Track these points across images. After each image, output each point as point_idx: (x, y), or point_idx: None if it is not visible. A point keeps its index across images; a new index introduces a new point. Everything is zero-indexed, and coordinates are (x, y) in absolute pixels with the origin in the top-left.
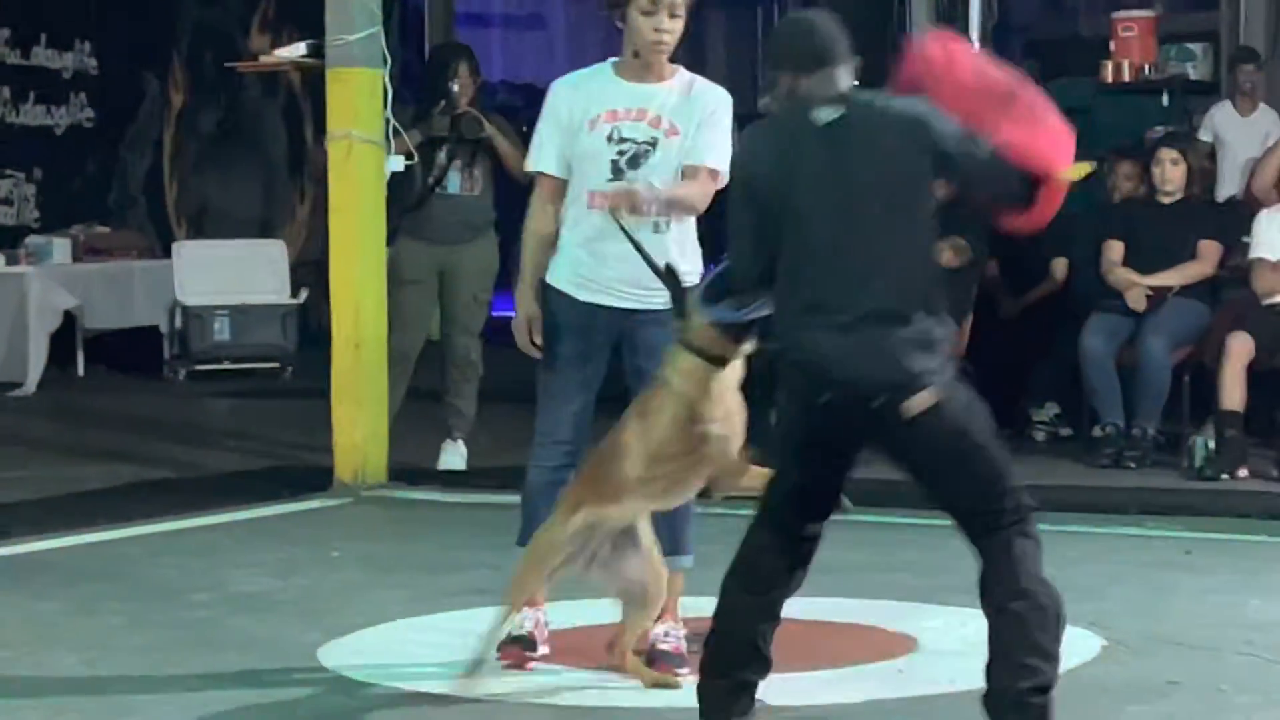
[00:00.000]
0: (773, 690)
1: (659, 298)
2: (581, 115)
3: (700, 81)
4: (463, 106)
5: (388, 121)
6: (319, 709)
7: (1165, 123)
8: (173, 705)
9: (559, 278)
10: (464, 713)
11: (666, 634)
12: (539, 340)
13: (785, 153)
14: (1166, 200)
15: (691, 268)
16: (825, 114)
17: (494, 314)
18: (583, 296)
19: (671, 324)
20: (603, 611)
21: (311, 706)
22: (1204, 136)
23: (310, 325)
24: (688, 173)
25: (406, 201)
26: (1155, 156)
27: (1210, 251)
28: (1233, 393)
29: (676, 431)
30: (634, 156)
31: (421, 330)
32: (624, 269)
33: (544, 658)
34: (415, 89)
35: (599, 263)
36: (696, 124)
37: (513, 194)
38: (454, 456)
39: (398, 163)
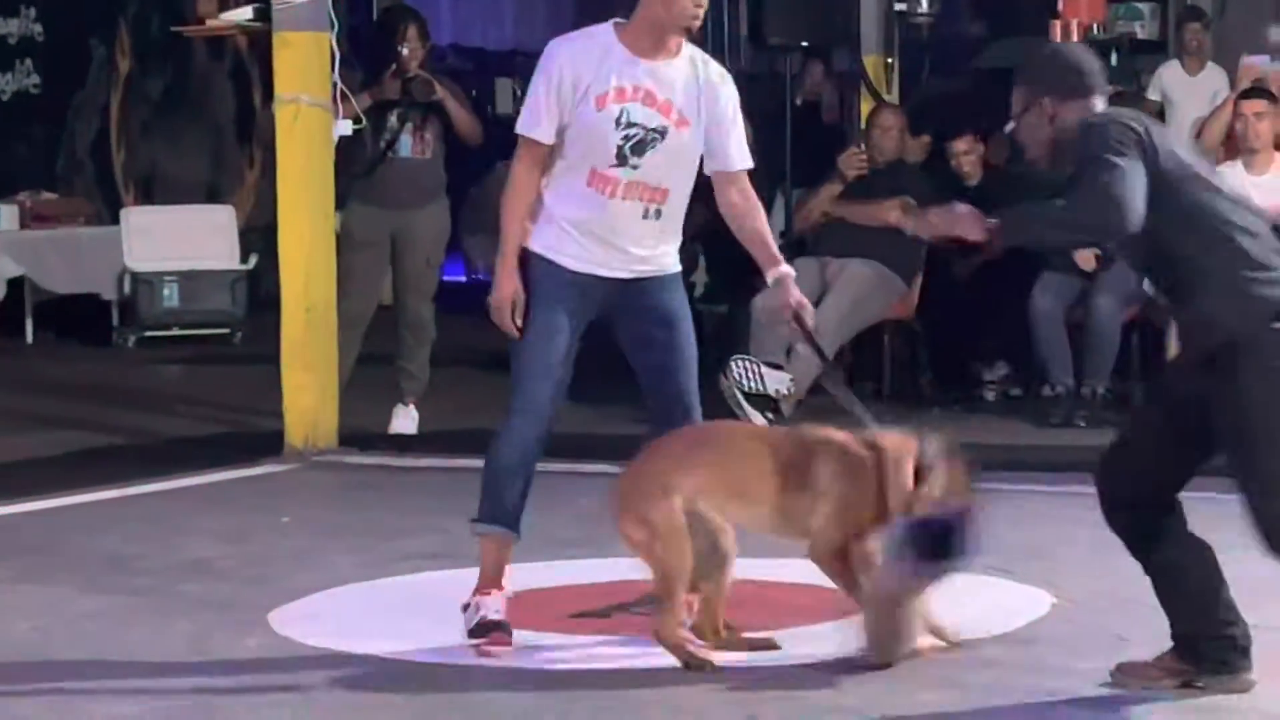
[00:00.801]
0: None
1: (649, 266)
2: (586, 87)
3: (707, 64)
4: (413, 70)
5: (335, 85)
6: (270, 674)
7: (1113, 82)
8: (125, 671)
9: (546, 246)
10: (416, 675)
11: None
12: (520, 320)
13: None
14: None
15: (673, 245)
16: None
17: (444, 279)
18: (575, 266)
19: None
20: (560, 573)
21: (263, 672)
22: (1152, 95)
23: (260, 291)
24: (728, 179)
25: (357, 166)
26: None
27: None
28: None
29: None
30: (640, 143)
31: (373, 295)
32: (622, 244)
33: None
34: (364, 53)
35: (593, 240)
36: (718, 123)
37: (463, 157)
38: (405, 421)
39: (346, 127)
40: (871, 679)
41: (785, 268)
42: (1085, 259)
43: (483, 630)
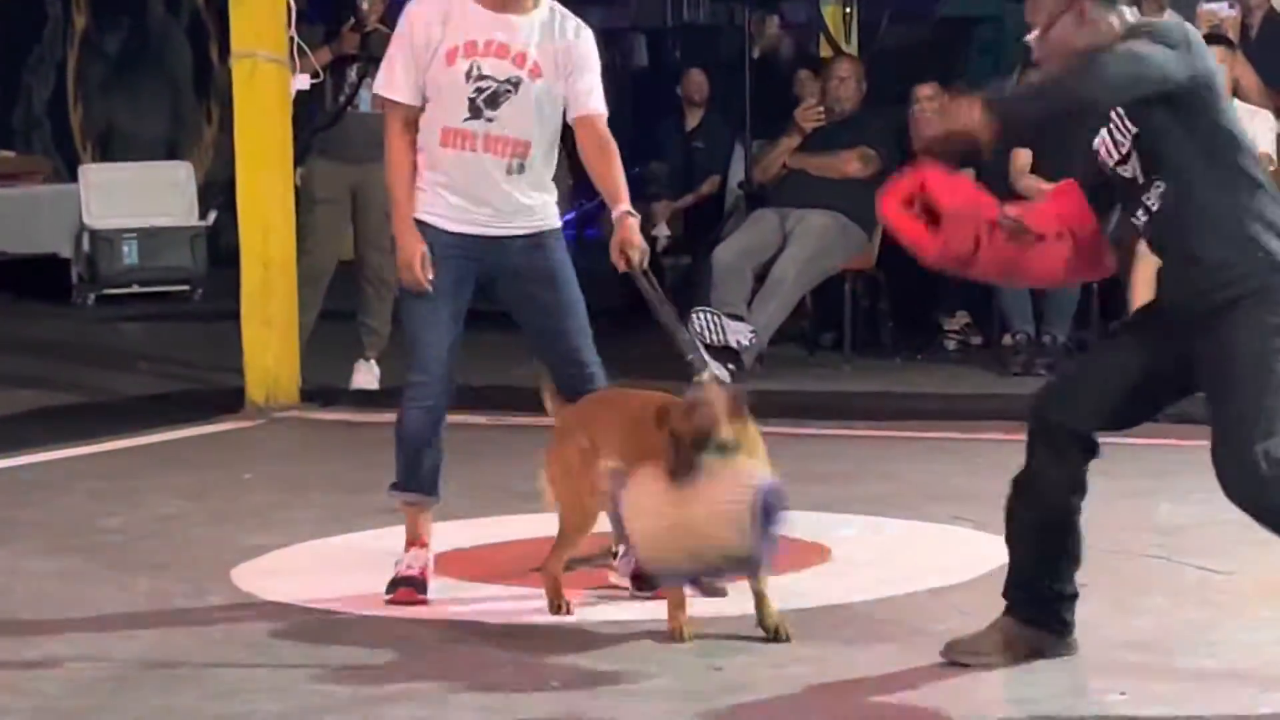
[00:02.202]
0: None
1: (524, 222)
2: (438, 43)
3: (563, 15)
4: (372, 24)
5: (292, 40)
6: (233, 630)
7: None
8: (87, 629)
9: (424, 210)
10: (378, 629)
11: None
12: (431, 275)
13: None
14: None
15: (548, 199)
16: None
17: None
18: (451, 227)
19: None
20: (516, 528)
21: (226, 628)
22: None
23: (219, 247)
24: (584, 123)
25: (318, 120)
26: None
27: None
28: (1143, 298)
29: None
30: (493, 95)
31: (334, 250)
32: (490, 200)
33: (463, 576)
34: (321, 8)
35: (461, 198)
36: (571, 70)
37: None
38: (367, 376)
39: (303, 82)
40: (830, 628)
41: (625, 206)
42: None
43: (392, 585)
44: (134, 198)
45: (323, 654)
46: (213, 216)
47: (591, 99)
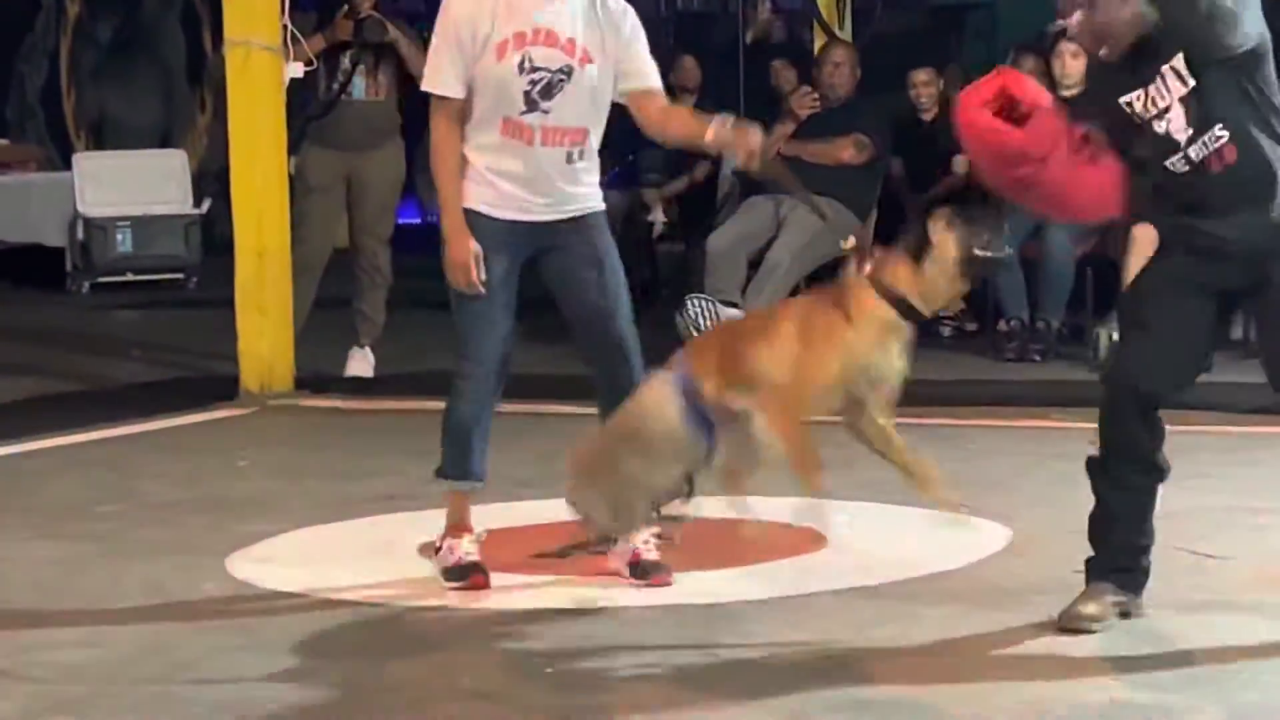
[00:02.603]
0: (682, 588)
1: (574, 205)
2: (485, 37)
3: None
4: (365, 11)
5: (286, 28)
6: (228, 618)
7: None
8: (83, 616)
9: (474, 199)
10: (372, 617)
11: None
12: (484, 275)
13: None
14: (1068, 94)
15: (595, 180)
16: None
17: (400, 221)
18: (502, 215)
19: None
20: (518, 514)
21: (220, 615)
22: None
23: (213, 235)
24: (643, 98)
25: (311, 109)
26: (1056, 50)
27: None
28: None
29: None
30: (547, 86)
31: (329, 238)
32: (549, 190)
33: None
34: None
35: (518, 187)
36: (621, 47)
37: (417, 99)
38: (361, 364)
39: (296, 70)
40: (826, 614)
41: (719, 117)
42: None
43: (461, 573)
44: (128, 186)
45: (318, 641)
46: (207, 204)
47: (649, 74)
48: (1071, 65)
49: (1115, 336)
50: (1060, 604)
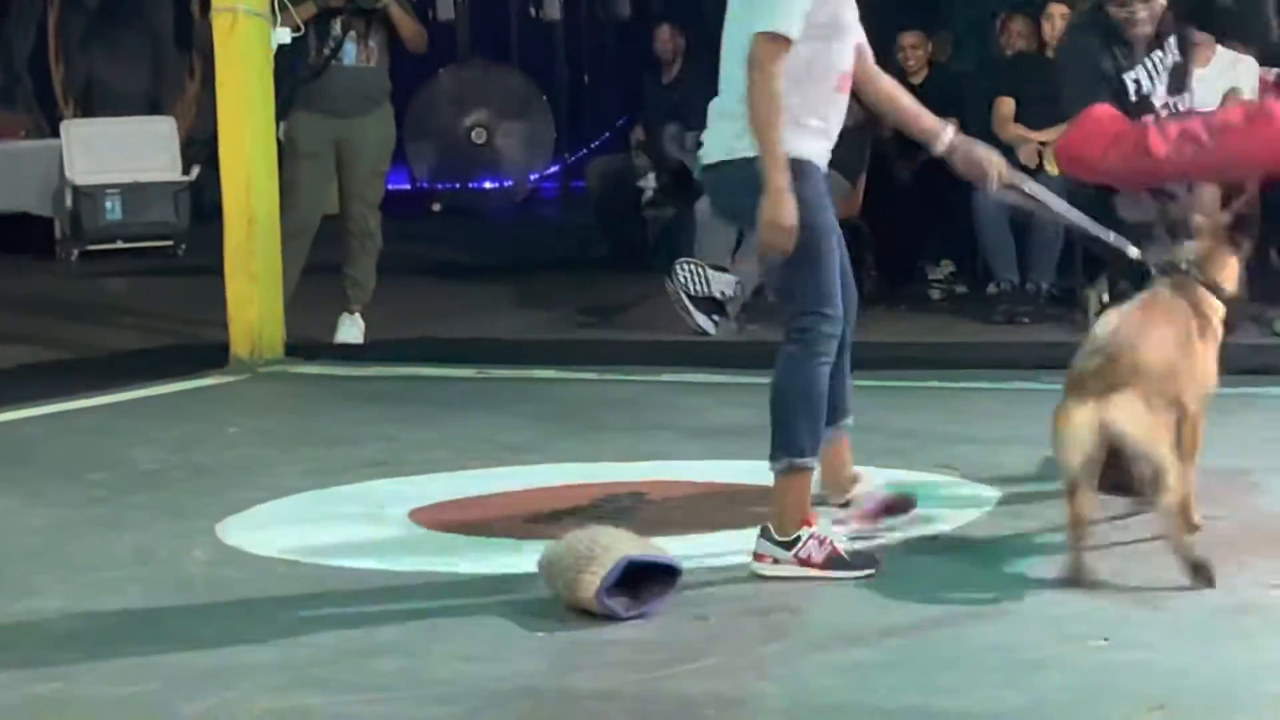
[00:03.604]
0: (675, 553)
1: None
2: None
3: None
4: None
5: None
6: (218, 584)
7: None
8: (73, 583)
9: (804, 150)
10: (363, 584)
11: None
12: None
13: None
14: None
15: None
16: None
17: (390, 187)
18: (822, 165)
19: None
20: (509, 479)
21: (211, 581)
22: None
23: (203, 202)
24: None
25: (302, 74)
26: (1045, 11)
27: None
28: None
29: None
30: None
31: (319, 204)
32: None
33: (448, 527)
34: None
35: (826, 139)
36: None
37: (407, 65)
38: (351, 329)
39: (284, 35)
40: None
41: (950, 124)
42: (1028, 156)
43: (866, 559)
44: (117, 153)
45: (308, 607)
46: (196, 171)
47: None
48: (1061, 26)
49: (1105, 298)
50: (1047, 564)
